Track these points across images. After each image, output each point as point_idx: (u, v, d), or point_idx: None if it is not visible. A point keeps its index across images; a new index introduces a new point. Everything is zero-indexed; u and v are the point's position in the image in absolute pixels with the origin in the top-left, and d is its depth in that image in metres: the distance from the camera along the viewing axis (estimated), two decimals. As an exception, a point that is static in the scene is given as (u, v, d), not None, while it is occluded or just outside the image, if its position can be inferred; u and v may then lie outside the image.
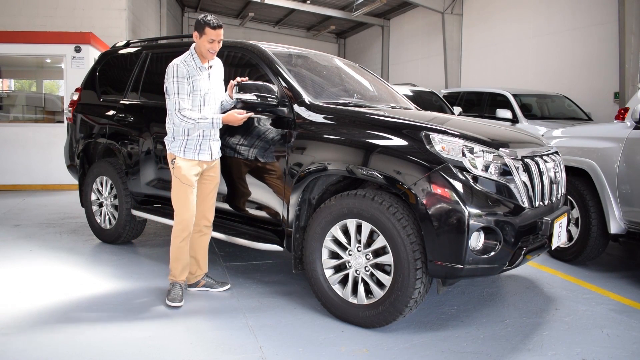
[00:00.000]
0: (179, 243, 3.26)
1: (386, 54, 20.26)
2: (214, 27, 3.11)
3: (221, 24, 3.16)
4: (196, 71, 3.20)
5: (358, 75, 4.30)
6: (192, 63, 3.20)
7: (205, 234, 3.45)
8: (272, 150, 3.30)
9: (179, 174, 3.22)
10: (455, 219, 2.55)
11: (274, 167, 3.29)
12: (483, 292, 3.59)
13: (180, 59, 3.19)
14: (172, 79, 3.13)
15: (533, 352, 2.71)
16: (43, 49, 7.68)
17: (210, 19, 3.12)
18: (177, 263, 3.29)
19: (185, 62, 3.18)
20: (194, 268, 3.46)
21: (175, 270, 3.30)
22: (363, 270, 2.89)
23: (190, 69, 3.17)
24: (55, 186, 7.58)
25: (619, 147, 3.91)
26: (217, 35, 3.14)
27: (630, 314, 3.29)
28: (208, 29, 3.11)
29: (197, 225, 3.39)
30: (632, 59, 9.29)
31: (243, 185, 3.50)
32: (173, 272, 3.31)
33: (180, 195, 3.23)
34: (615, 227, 3.89)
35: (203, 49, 3.17)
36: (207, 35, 3.12)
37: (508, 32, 13.08)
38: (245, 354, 2.61)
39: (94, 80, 4.87)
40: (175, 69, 3.14)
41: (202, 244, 3.45)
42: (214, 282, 3.52)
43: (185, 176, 3.21)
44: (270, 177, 3.33)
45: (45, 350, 2.59)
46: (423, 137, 2.74)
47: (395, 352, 2.66)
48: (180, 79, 3.13)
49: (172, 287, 3.28)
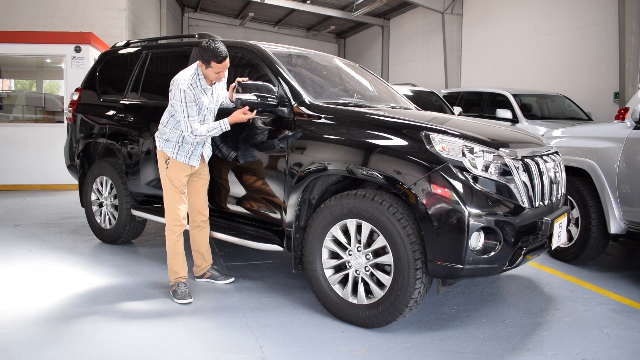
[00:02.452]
0: (175, 239, 3.33)
1: (386, 54, 20.26)
2: (220, 61, 3.07)
3: (227, 54, 3.10)
4: (202, 93, 3.21)
5: (358, 75, 4.30)
6: (198, 85, 3.18)
7: (204, 228, 3.54)
8: (272, 151, 3.30)
9: (171, 174, 3.29)
10: (455, 219, 2.55)
11: (274, 167, 3.29)
12: (483, 292, 3.59)
13: (187, 81, 3.13)
14: (181, 104, 3.13)
15: (533, 352, 2.71)
16: (43, 49, 7.67)
17: (217, 52, 3.03)
18: (176, 259, 3.35)
19: (191, 85, 3.14)
20: (200, 261, 3.59)
21: (176, 267, 3.34)
22: (363, 270, 2.89)
23: (196, 91, 3.16)
24: (55, 186, 7.58)
25: (619, 147, 3.91)
26: (223, 67, 3.13)
27: (630, 314, 3.29)
28: (214, 64, 3.07)
29: (194, 221, 3.49)
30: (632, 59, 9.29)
31: (243, 185, 3.51)
32: (174, 269, 3.35)
33: (170, 195, 3.31)
34: (615, 227, 3.89)
35: (210, 76, 3.18)
36: (213, 68, 3.10)
37: (508, 32, 13.07)
38: (245, 354, 2.61)
39: (94, 80, 4.87)
40: (183, 95, 3.10)
41: (203, 237, 3.54)
42: (219, 275, 3.64)
43: (176, 178, 3.28)
44: (270, 177, 3.33)
45: (45, 350, 2.59)
46: (423, 137, 2.74)
47: (395, 352, 2.66)
48: (189, 103, 3.13)
49: (177, 287, 3.32)
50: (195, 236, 3.53)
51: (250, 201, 3.49)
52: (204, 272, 3.62)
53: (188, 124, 3.16)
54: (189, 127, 3.16)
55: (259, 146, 3.39)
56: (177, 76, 3.19)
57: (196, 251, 3.56)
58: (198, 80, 3.18)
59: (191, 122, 3.15)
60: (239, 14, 21.78)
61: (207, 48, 3.04)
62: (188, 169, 3.32)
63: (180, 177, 3.30)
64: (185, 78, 3.15)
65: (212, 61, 3.06)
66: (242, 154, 3.48)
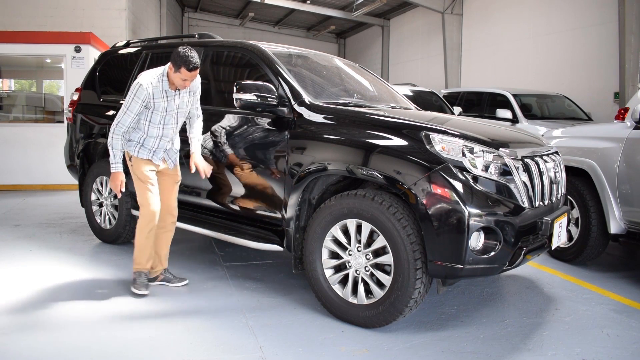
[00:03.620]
0: (145, 235, 3.36)
1: (386, 54, 20.27)
2: (190, 69, 3.11)
3: (198, 66, 3.14)
4: (161, 94, 3.23)
5: (358, 75, 4.30)
6: (159, 85, 3.22)
7: (169, 231, 3.55)
8: (272, 150, 3.30)
9: (136, 170, 3.35)
10: (455, 219, 2.55)
11: (274, 167, 3.29)
12: (483, 292, 3.59)
13: (148, 78, 3.19)
14: (130, 95, 3.18)
15: (533, 352, 2.71)
16: (43, 49, 7.67)
17: (189, 60, 3.07)
18: (142, 254, 3.40)
19: (151, 83, 3.18)
20: (156, 263, 3.55)
21: (140, 259, 3.41)
22: (363, 270, 2.89)
23: (155, 90, 3.20)
24: (55, 186, 7.58)
25: (619, 147, 3.91)
26: (191, 77, 3.16)
27: (630, 314, 3.29)
28: (184, 70, 3.10)
29: (163, 221, 3.48)
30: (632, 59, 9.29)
31: (243, 185, 3.51)
32: (138, 261, 3.41)
33: (141, 191, 3.35)
34: (615, 227, 3.89)
35: (175, 81, 3.20)
36: (181, 74, 3.13)
37: (508, 32, 13.08)
38: (245, 354, 2.61)
39: (94, 80, 4.87)
40: (137, 88, 3.17)
41: (166, 240, 3.55)
42: (173, 277, 3.59)
43: (142, 172, 3.33)
44: (270, 177, 3.33)
45: (45, 350, 2.59)
46: (423, 137, 2.74)
47: (395, 352, 2.66)
48: (136, 98, 3.17)
49: (138, 276, 3.40)
50: (159, 237, 3.49)
51: (250, 201, 3.49)
52: (157, 275, 3.55)
53: (122, 116, 3.19)
54: (119, 118, 3.20)
55: (259, 146, 3.39)
56: (142, 72, 3.26)
57: (156, 252, 3.51)
58: (161, 81, 3.22)
59: (126, 116, 3.19)
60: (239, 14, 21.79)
61: (182, 54, 3.08)
62: (151, 164, 3.38)
63: (146, 170, 3.34)
64: (149, 75, 3.21)
65: (183, 67, 3.09)
66: (242, 154, 3.48)
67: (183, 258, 4.20)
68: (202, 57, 3.89)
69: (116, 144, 3.24)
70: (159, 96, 3.22)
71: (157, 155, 3.39)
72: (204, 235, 4.35)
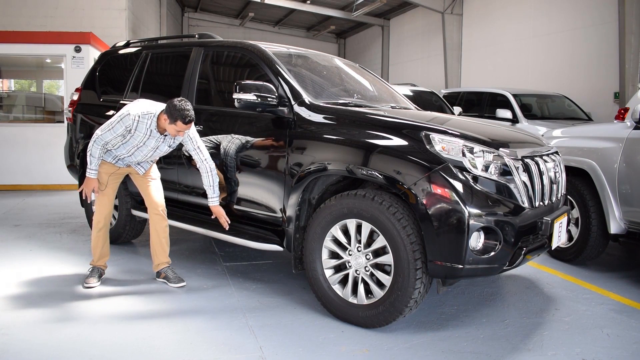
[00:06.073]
0: (97, 233, 3.56)
1: (386, 54, 20.27)
2: (186, 122, 3.15)
3: (194, 118, 3.19)
4: (146, 130, 3.29)
5: (358, 75, 4.30)
6: (147, 123, 3.26)
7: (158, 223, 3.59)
8: (272, 150, 3.30)
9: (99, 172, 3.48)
10: (455, 219, 2.55)
11: (274, 167, 3.29)
12: (483, 292, 3.59)
13: (138, 111, 3.23)
14: (117, 118, 3.25)
15: (533, 352, 2.71)
16: (43, 49, 7.67)
17: (186, 113, 3.11)
18: (95, 250, 3.59)
19: (140, 119, 3.23)
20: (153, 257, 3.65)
21: (94, 256, 3.62)
22: (363, 270, 2.89)
23: (140, 125, 3.25)
24: (55, 186, 7.58)
25: (619, 147, 3.91)
26: (187, 128, 3.22)
27: (630, 314, 3.29)
28: (180, 123, 3.15)
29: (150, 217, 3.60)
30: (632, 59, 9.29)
31: (243, 185, 3.51)
32: (93, 255, 3.62)
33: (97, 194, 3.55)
34: (615, 227, 3.89)
35: (169, 130, 3.24)
36: (177, 126, 3.17)
37: (508, 32, 13.08)
38: (245, 354, 2.61)
39: (94, 80, 4.87)
40: (124, 114, 3.23)
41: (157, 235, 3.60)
42: (173, 277, 3.61)
43: (101, 175, 3.48)
44: (270, 177, 3.33)
45: (45, 350, 2.59)
46: (423, 137, 2.74)
47: (395, 352, 2.66)
48: (122, 123, 3.24)
49: (91, 271, 3.60)
50: (151, 234, 3.61)
51: (250, 201, 3.49)
52: (159, 271, 3.64)
53: (105, 131, 3.27)
54: (101, 132, 3.28)
55: (258, 146, 3.39)
56: (137, 101, 3.34)
57: (152, 247, 3.62)
58: (149, 122, 3.27)
59: (107, 133, 3.26)
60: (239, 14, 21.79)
61: (178, 107, 3.11)
62: (113, 167, 3.50)
63: (102, 173, 3.48)
64: (140, 108, 3.26)
65: (179, 120, 3.14)
66: (241, 154, 3.48)
67: (183, 258, 4.20)
68: (202, 57, 3.89)
69: (95, 152, 3.35)
70: (142, 131, 3.28)
71: (121, 162, 3.51)
72: (204, 235, 4.36)
